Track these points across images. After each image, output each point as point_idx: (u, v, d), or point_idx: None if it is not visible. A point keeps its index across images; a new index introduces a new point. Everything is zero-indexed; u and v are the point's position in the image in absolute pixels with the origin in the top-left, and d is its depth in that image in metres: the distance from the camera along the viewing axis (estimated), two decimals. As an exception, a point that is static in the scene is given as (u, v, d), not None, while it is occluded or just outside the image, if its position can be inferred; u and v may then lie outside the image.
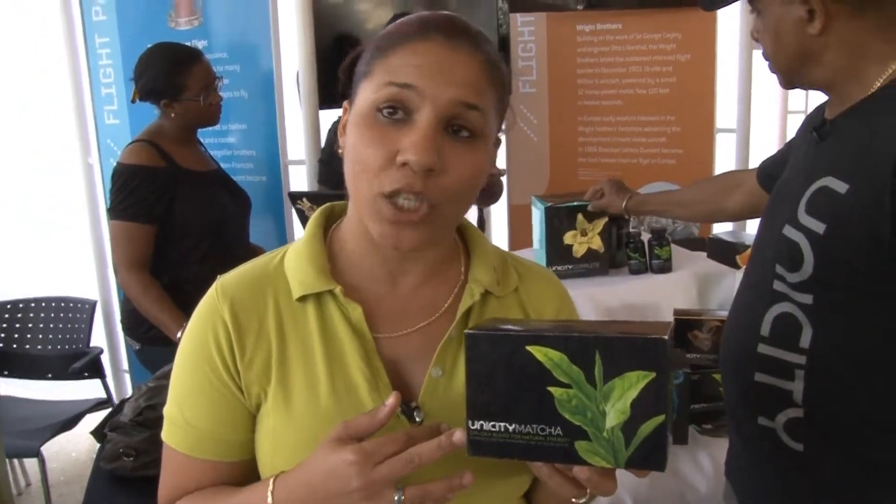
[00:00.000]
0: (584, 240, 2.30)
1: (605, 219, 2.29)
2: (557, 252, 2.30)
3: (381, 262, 0.98)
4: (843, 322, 1.21)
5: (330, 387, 0.94)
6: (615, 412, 0.79)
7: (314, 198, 2.36)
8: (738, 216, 2.05)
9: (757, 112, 3.42)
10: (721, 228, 3.36)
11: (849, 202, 1.16)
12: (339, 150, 0.95)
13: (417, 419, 0.94)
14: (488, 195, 2.92)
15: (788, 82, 1.36)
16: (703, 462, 1.85)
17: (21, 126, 4.41)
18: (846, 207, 1.17)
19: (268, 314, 0.97)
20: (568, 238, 2.30)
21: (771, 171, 1.66)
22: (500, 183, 3.12)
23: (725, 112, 3.41)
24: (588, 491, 0.85)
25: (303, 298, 0.97)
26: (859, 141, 1.19)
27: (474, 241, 1.05)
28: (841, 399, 1.22)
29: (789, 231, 1.25)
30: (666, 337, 0.78)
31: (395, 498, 0.81)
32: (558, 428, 0.81)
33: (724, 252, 2.61)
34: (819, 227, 1.20)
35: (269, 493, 0.88)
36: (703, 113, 3.41)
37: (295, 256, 1.00)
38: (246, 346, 0.95)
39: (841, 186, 1.18)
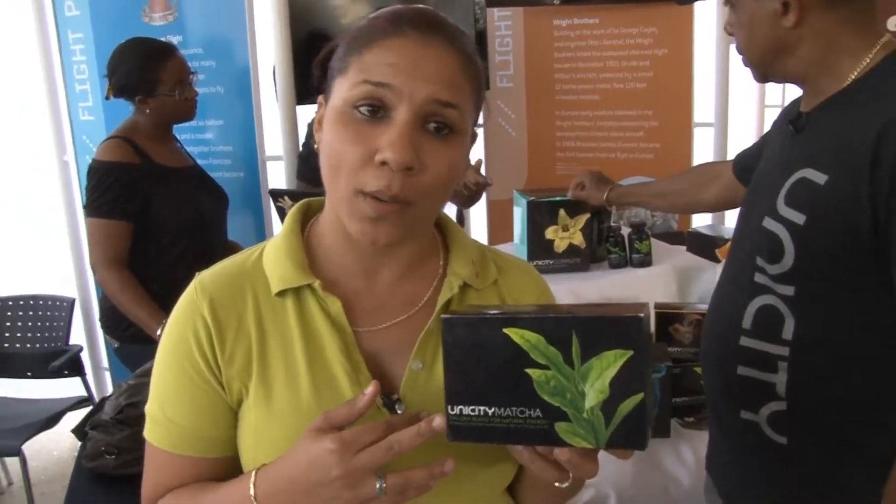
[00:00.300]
0: (566, 235, 2.31)
1: (587, 214, 2.30)
2: (539, 247, 2.31)
3: (359, 257, 0.98)
4: (824, 313, 1.22)
5: (311, 381, 0.94)
6: (594, 392, 0.79)
7: (295, 196, 2.36)
8: (715, 207, 2.06)
9: (734, 106, 3.45)
10: (700, 222, 3.38)
11: (828, 193, 1.17)
12: (316, 146, 0.95)
13: (399, 412, 0.94)
14: (473, 200, 2.91)
15: (762, 76, 1.37)
16: (685, 455, 1.86)
17: (-5, 123, 4.37)
18: (825, 198, 1.18)
19: (247, 310, 0.97)
20: (549, 233, 2.31)
21: (746, 163, 1.67)
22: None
23: (703, 106, 3.43)
24: (570, 474, 0.85)
25: (282, 293, 0.97)
26: (837, 133, 1.21)
27: (453, 236, 1.06)
28: (824, 390, 1.23)
29: (769, 223, 1.26)
30: (642, 315, 0.78)
31: (377, 486, 0.81)
32: (538, 410, 0.81)
33: (703, 246, 2.64)
34: (799, 218, 1.21)
35: (252, 485, 0.88)
36: (681, 107, 3.43)
37: (273, 252, 1.00)
38: (226, 343, 0.95)
39: (820, 178, 1.19)
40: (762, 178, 1.39)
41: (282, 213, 2.41)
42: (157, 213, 2.47)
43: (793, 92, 1.41)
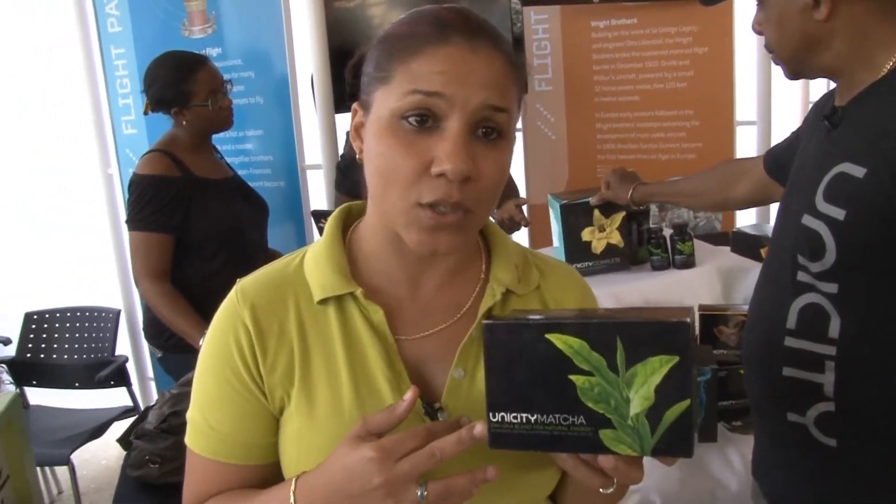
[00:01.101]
0: (603, 235, 2.27)
1: (623, 213, 2.26)
2: (576, 249, 2.28)
3: (402, 264, 0.98)
4: (869, 310, 1.19)
5: (353, 389, 0.93)
6: (639, 398, 0.77)
7: None
8: (745, 205, 2.02)
9: (777, 103, 3.39)
10: (744, 222, 3.33)
11: (867, 186, 1.15)
12: (358, 157, 0.94)
13: (441, 419, 0.93)
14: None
15: (794, 72, 1.34)
16: (732, 459, 1.83)
17: (40, 139, 4.46)
18: (865, 191, 1.15)
19: (289, 317, 0.96)
20: (586, 234, 2.28)
21: (778, 158, 1.64)
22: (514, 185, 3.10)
23: (745, 104, 3.38)
24: (615, 480, 0.84)
25: (324, 301, 0.96)
26: (874, 125, 1.18)
27: (495, 240, 1.04)
28: (872, 389, 1.20)
29: (808, 220, 1.23)
30: (688, 320, 0.76)
31: (419, 493, 0.80)
32: (581, 417, 0.80)
33: (748, 246, 2.60)
34: (839, 213, 1.18)
35: (292, 494, 0.88)
36: (722, 106, 3.38)
37: (314, 259, 0.99)
38: (268, 350, 0.95)
39: (858, 171, 1.16)
40: (799, 176, 1.36)
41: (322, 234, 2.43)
42: (197, 224, 2.50)
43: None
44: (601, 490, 0.85)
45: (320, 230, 2.41)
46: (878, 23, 1.21)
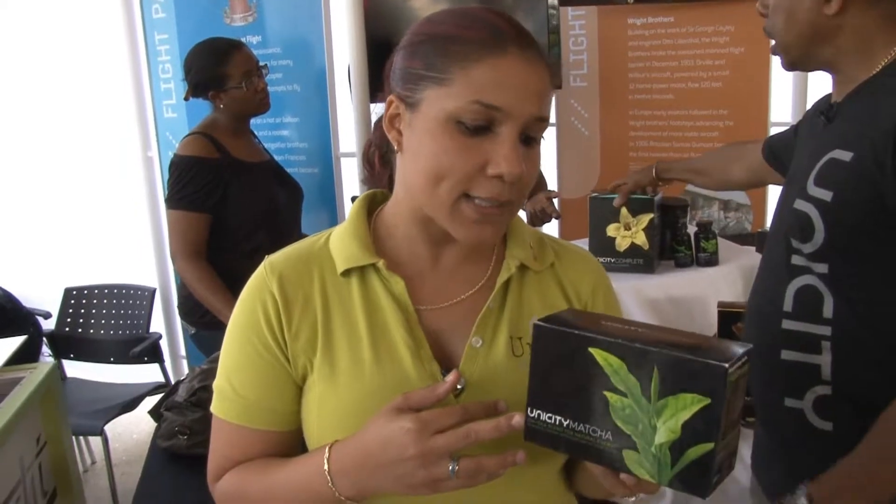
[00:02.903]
0: (628, 234, 2.27)
1: (651, 215, 2.24)
2: (600, 244, 2.30)
3: (428, 246, 1.03)
4: (858, 289, 1.21)
5: (374, 357, 0.98)
6: (665, 430, 0.78)
7: None
8: (743, 186, 2.09)
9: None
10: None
11: (853, 168, 1.18)
12: (396, 148, 0.98)
13: (459, 386, 0.97)
14: (534, 225, 2.89)
15: (792, 62, 1.36)
16: (744, 454, 1.82)
17: (83, 120, 4.55)
18: (851, 173, 1.18)
19: (314, 288, 1.01)
20: (611, 230, 2.29)
21: (776, 147, 1.69)
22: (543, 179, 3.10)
23: (780, 106, 3.36)
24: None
25: (347, 273, 1.01)
26: (864, 115, 1.21)
27: (511, 222, 1.09)
28: (867, 370, 1.21)
29: (799, 203, 1.26)
30: (727, 366, 0.75)
31: (450, 468, 0.84)
32: (609, 433, 0.82)
33: (772, 246, 2.59)
34: (826, 195, 1.21)
35: (326, 461, 0.92)
36: (757, 107, 3.36)
37: (339, 235, 1.05)
38: (293, 318, 1.00)
39: (846, 155, 1.20)
40: (794, 169, 1.39)
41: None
42: (233, 206, 2.56)
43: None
44: (623, 499, 0.90)
45: None
46: (883, 27, 1.24)
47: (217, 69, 2.56)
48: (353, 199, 2.50)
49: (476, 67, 0.89)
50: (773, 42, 1.36)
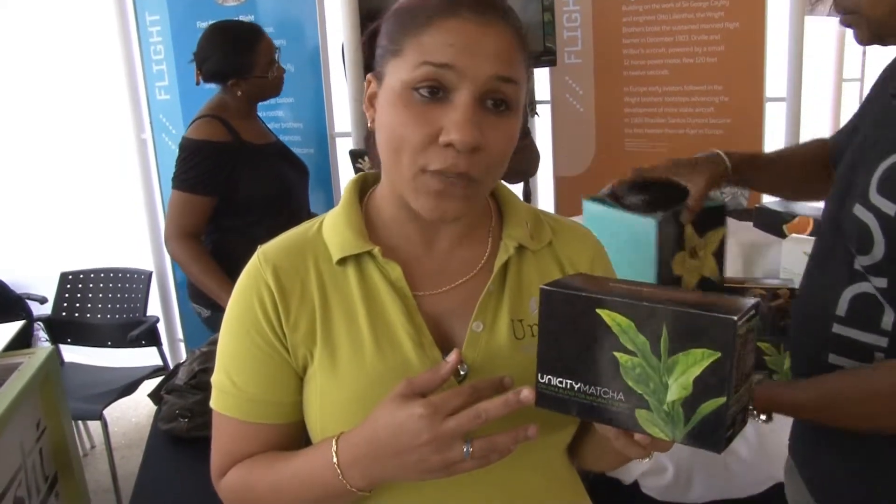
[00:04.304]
0: (696, 263, 1.57)
1: (723, 230, 1.58)
2: (664, 283, 1.55)
3: (418, 227, 1.01)
4: None
5: (374, 345, 0.96)
6: (677, 387, 0.78)
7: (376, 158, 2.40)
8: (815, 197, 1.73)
9: (809, 80, 3.36)
10: (769, 198, 3.31)
11: None
12: (369, 124, 0.97)
13: (462, 372, 0.96)
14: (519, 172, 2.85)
15: (875, 35, 1.22)
16: (745, 429, 1.84)
17: (76, 104, 4.53)
18: None
19: (310, 278, 0.99)
20: (677, 266, 1.55)
21: (832, 152, 1.49)
22: (535, 156, 3.04)
23: (775, 81, 3.35)
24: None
25: (343, 261, 0.99)
26: None
27: (506, 200, 1.08)
28: None
29: (860, 211, 1.16)
30: (736, 318, 0.75)
31: (464, 449, 0.84)
32: (620, 393, 0.82)
33: (770, 221, 2.59)
34: (890, 208, 1.11)
35: (334, 454, 0.91)
36: (752, 82, 3.34)
37: (332, 222, 1.03)
38: (290, 309, 0.98)
39: None
40: (858, 154, 1.25)
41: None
42: (244, 188, 2.55)
43: (872, 66, 1.30)
44: (636, 459, 0.88)
45: (357, 171, 2.44)
46: None
47: (242, 58, 2.54)
48: (351, 152, 2.50)
49: (426, 32, 0.88)
50: (844, 16, 1.23)
